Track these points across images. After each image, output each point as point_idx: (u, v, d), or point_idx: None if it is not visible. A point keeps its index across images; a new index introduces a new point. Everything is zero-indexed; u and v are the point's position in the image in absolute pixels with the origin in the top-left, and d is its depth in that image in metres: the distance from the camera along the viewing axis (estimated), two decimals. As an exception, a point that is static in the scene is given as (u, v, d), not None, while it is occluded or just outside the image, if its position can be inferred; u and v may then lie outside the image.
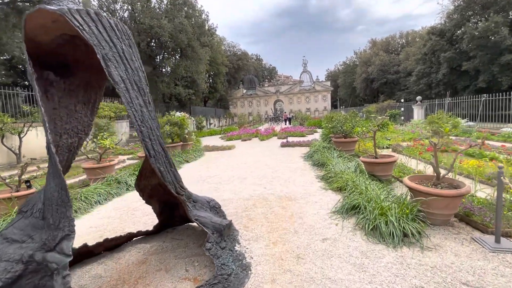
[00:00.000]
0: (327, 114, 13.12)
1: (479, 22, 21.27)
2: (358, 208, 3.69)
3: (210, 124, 38.62)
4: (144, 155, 8.62)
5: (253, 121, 38.39)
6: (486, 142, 9.25)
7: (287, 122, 36.89)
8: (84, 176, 7.14)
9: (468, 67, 19.93)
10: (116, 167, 8.95)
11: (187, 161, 9.41)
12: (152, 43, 22.58)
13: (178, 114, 11.19)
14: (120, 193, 5.53)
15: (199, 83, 26.26)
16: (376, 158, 5.36)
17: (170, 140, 10.86)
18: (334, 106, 62.14)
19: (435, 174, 3.47)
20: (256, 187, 5.50)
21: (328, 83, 53.83)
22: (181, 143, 11.05)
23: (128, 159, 10.79)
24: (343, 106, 45.87)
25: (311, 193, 4.89)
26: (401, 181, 5.10)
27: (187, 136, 11.50)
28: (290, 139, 14.00)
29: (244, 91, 55.76)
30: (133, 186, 6.37)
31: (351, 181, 4.72)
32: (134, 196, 5.15)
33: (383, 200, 3.73)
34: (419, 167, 5.90)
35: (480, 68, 19.47)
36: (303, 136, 16.39)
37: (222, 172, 7.22)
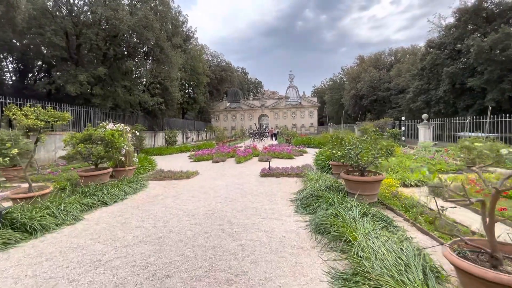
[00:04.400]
0: (327, 134, 9.99)
1: (479, 35, 19.50)
2: None
3: (187, 138, 34.75)
4: (28, 195, 4.78)
5: (235, 136, 34.88)
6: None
7: (273, 138, 33.83)
8: None
9: (474, 83, 17.80)
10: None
11: (106, 203, 5.74)
12: (122, 42, 18.92)
13: (110, 126, 7.56)
14: None
15: (171, 91, 22.68)
16: (495, 260, 2.02)
17: (93, 165, 7.17)
18: (320, 123, 60.24)
19: None
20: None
21: (315, 99, 51.86)
22: (111, 169, 7.37)
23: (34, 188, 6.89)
24: (331, 123, 43.63)
25: None
26: None
27: (123, 159, 7.84)
28: (275, 163, 10.64)
29: (228, 104, 52.70)
30: None
31: None
32: None
33: None
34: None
35: (488, 85, 17.37)
36: (291, 158, 13.11)
37: (135, 245, 3.64)
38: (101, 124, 7.64)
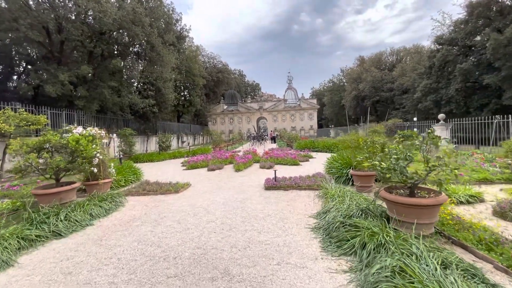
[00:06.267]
0: (348, 138, 8.60)
1: (491, 31, 18.30)
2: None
3: (183, 142, 33.21)
4: None
5: (233, 140, 33.40)
6: None
7: (273, 141, 32.49)
8: None
9: (492, 80, 16.53)
10: None
11: (60, 234, 4.25)
12: (111, 40, 17.41)
13: (78, 130, 6.07)
14: None
15: (164, 93, 21.20)
16: None
17: (54, 179, 5.64)
18: (319, 125, 58.94)
19: None
20: None
21: (314, 100, 50.56)
22: (78, 184, 5.86)
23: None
24: (332, 125, 42.36)
25: None
26: None
27: (95, 171, 6.32)
28: (279, 171, 9.17)
29: (225, 106, 51.23)
30: None
31: None
32: None
33: None
34: None
35: (505, 82, 16.11)
36: (297, 164, 11.66)
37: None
38: (66, 127, 6.14)
